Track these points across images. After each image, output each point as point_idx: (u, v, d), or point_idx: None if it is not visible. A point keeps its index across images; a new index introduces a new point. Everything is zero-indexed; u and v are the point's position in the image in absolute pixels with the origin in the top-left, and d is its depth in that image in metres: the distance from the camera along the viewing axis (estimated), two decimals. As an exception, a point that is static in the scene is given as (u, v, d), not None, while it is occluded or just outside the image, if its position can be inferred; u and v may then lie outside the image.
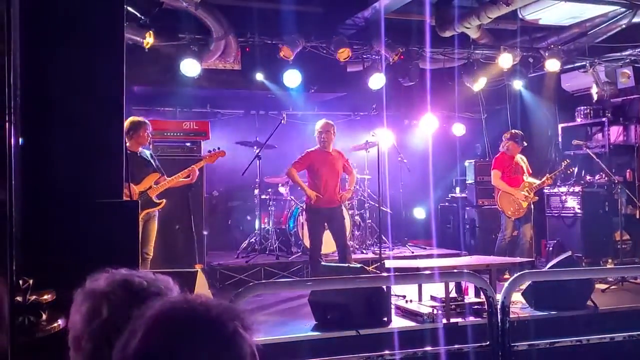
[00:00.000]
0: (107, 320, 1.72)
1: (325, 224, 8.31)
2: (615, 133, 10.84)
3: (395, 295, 7.19)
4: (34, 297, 2.44)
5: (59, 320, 2.46)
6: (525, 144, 9.28)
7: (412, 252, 10.67)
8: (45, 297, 2.53)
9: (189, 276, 5.47)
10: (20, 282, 2.34)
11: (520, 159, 9.28)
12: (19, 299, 2.33)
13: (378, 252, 8.59)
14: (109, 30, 3.18)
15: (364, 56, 10.43)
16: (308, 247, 8.33)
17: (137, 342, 1.31)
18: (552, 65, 10.28)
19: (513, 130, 9.38)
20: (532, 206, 9.16)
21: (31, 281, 2.39)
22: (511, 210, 9.07)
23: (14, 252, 2.19)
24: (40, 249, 2.78)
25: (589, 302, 6.80)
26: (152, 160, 7.45)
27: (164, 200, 7.35)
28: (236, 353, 1.33)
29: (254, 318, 1.40)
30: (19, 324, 2.32)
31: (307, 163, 8.34)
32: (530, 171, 9.36)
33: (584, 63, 10.74)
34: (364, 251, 10.51)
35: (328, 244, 9.47)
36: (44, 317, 2.49)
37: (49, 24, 2.99)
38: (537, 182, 9.18)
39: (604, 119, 10.88)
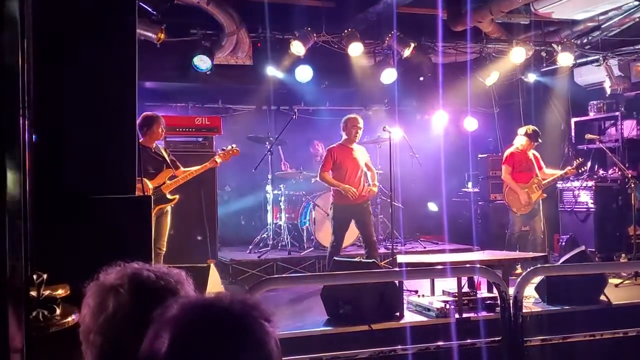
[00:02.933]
0: (114, 313, 1.73)
1: (353, 221, 8.24)
2: (628, 127, 10.76)
3: (408, 290, 7.18)
4: (47, 291, 2.46)
5: (72, 315, 2.47)
6: (540, 141, 9.22)
7: (424, 247, 10.67)
8: (59, 291, 2.54)
9: (201, 271, 5.49)
10: (34, 276, 2.36)
11: (533, 154, 9.23)
12: (33, 293, 2.34)
13: (390, 247, 8.57)
14: (120, 25, 3.19)
15: (376, 51, 10.42)
16: (330, 244, 8.20)
17: (166, 346, 1.30)
18: (565, 59, 10.24)
19: (529, 127, 9.29)
20: (540, 201, 9.11)
21: (45, 276, 2.40)
22: (517, 207, 9.09)
23: (28, 246, 2.21)
24: (54, 243, 2.80)
25: (602, 297, 6.77)
26: (166, 156, 7.48)
27: (177, 197, 7.38)
28: (265, 351, 1.32)
29: (272, 310, 1.40)
30: (33, 319, 2.34)
31: (332, 161, 8.22)
32: (543, 166, 9.28)
33: (597, 57, 10.67)
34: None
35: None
36: (58, 311, 2.51)
37: (61, 20, 3.01)
38: (549, 178, 9.13)
39: (617, 113, 10.80)
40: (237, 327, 1.31)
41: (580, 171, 9.54)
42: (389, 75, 10.12)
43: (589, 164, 10.68)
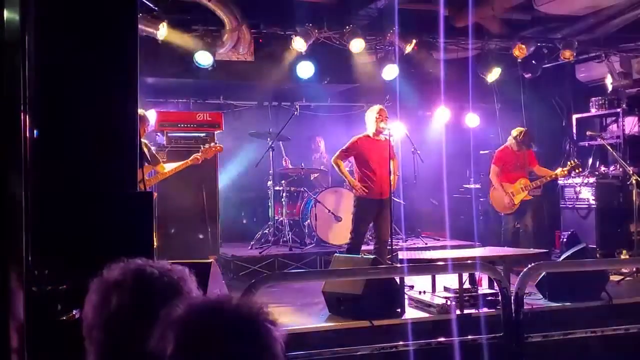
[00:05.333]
0: (117, 309, 1.73)
1: (373, 216, 7.98)
2: (630, 124, 10.75)
3: (409, 286, 7.18)
4: (49, 287, 2.46)
5: (74, 311, 2.47)
6: (532, 147, 9.11)
7: (426, 244, 10.67)
8: (61, 287, 2.55)
9: (203, 267, 5.47)
10: (36, 272, 2.36)
11: (527, 154, 9.17)
12: (34, 289, 2.35)
13: (391, 243, 8.57)
14: (122, 22, 3.19)
15: (377, 47, 10.40)
16: (350, 239, 7.97)
17: (172, 347, 1.30)
18: (566, 55, 10.22)
19: (521, 131, 9.21)
20: (532, 198, 9.11)
21: (46, 271, 2.40)
22: (500, 207, 9.31)
23: (30, 242, 2.21)
24: (56, 239, 2.80)
25: (604, 294, 6.77)
26: (146, 151, 7.42)
27: (156, 194, 7.36)
28: (271, 353, 1.33)
29: (272, 312, 1.40)
30: (34, 314, 2.34)
31: (354, 152, 7.96)
32: (538, 163, 9.22)
33: (599, 53, 10.66)
34: (378, 242, 10.49)
35: (339, 235, 9.45)
36: (60, 307, 2.51)
37: (62, 15, 3.00)
38: (539, 179, 9.07)
39: (618, 110, 10.79)
40: (244, 330, 1.31)
41: (573, 174, 9.50)
42: (390, 72, 10.10)
43: (589, 161, 10.66)
